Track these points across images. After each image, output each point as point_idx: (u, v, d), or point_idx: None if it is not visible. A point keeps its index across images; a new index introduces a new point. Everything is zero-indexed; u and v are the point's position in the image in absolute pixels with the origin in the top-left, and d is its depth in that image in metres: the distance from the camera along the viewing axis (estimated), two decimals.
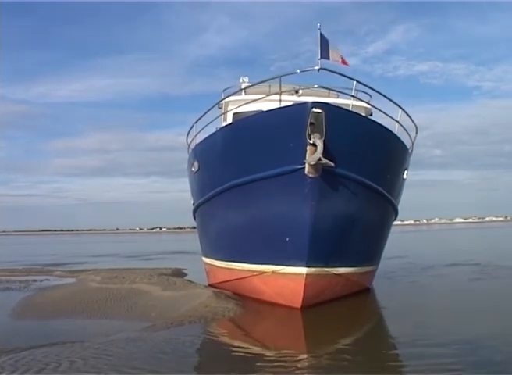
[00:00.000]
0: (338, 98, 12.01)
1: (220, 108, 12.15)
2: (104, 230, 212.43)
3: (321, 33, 10.51)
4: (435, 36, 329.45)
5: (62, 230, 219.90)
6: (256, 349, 6.27)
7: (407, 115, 10.33)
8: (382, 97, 9.65)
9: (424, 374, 4.97)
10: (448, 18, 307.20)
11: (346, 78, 9.13)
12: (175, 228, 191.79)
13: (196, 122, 11.55)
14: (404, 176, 10.97)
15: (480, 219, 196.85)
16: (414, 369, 5.21)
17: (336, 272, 9.24)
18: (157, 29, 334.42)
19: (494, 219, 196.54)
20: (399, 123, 9.99)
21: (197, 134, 11.55)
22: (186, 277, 14.60)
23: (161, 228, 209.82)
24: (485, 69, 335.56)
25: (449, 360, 5.38)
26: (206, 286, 11.58)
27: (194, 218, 13.05)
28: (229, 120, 11.55)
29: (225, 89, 12.53)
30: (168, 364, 5.47)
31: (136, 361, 5.51)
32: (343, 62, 10.45)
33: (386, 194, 9.92)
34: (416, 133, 11.41)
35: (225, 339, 6.95)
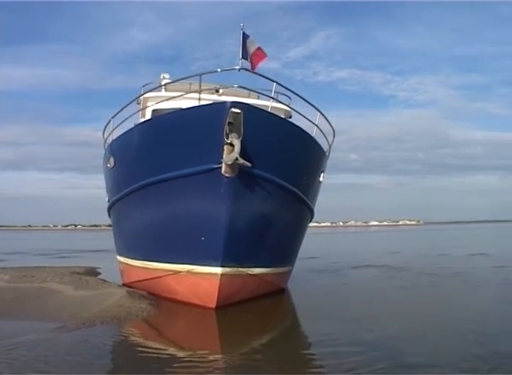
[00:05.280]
0: (259, 99, 12.08)
1: (139, 103, 11.93)
2: (15, 226, 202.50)
3: (243, 34, 10.57)
4: (354, 44, 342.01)
5: None
6: (170, 350, 6.20)
7: (325, 118, 10.50)
8: (301, 100, 9.76)
9: (336, 373, 5.07)
10: (369, 28, 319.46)
11: (266, 80, 9.22)
12: (90, 225, 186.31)
13: (113, 117, 11.23)
14: (321, 179, 11.17)
15: (394, 223, 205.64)
16: (327, 369, 5.33)
17: (250, 272, 9.30)
18: (80, 21, 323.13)
19: (407, 222, 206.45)
20: (317, 127, 10.16)
21: (113, 129, 11.22)
22: (100, 276, 14.22)
23: (76, 225, 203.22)
24: (400, 79, 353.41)
25: (361, 358, 5.52)
26: (120, 285, 11.32)
27: (109, 215, 12.72)
28: (148, 117, 11.33)
29: (145, 85, 12.23)
30: (77, 366, 5.31)
31: (44, 364, 5.31)
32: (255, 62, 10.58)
33: (302, 195, 10.07)
34: (333, 137, 11.64)
35: (139, 339, 6.83)
